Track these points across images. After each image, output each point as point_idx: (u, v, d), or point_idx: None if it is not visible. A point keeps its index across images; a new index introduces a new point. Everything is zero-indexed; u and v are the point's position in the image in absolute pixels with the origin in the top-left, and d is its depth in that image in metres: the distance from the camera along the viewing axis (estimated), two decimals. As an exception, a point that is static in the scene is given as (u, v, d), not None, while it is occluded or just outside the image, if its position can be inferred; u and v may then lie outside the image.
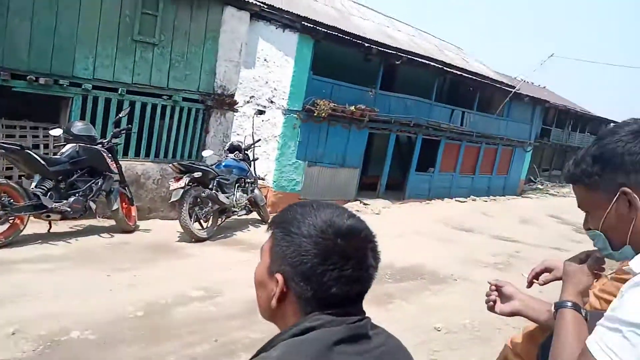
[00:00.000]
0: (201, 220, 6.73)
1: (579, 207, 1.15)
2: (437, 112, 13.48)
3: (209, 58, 7.79)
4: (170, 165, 6.66)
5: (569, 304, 1.13)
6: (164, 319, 3.94)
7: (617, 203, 1.03)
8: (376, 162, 12.99)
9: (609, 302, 1.28)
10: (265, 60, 9.59)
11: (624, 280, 1.00)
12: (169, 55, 7.32)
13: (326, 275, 0.85)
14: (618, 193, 1.03)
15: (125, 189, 6.44)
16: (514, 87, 16.00)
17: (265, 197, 8.85)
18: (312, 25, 9.48)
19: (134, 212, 6.55)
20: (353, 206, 10.81)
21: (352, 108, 10.54)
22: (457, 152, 14.88)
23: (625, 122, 1.09)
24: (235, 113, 8.50)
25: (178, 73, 7.48)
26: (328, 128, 10.45)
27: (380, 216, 10.43)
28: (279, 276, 0.88)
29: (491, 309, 1.55)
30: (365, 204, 11.14)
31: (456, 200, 14.33)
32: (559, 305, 1.14)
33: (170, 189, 6.43)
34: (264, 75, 9.66)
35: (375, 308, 4.64)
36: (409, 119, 12.31)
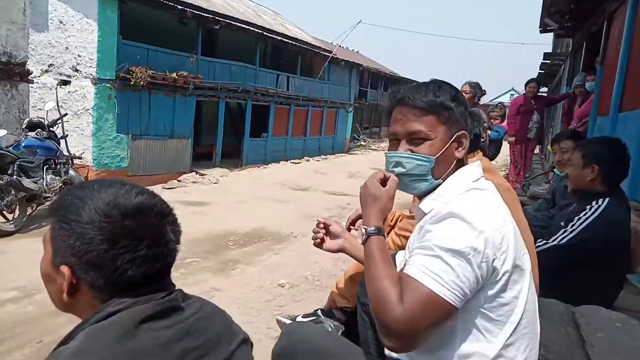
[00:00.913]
0: (4, 212, 5.72)
1: (410, 133, 1.18)
2: (263, 77, 13.59)
3: (-19, 18, 6.43)
4: (-52, 152, 5.42)
5: (374, 229, 1.15)
6: (-31, 330, 3.27)
7: (455, 141, 1.17)
8: (209, 131, 12.62)
9: (407, 238, 1.42)
10: (61, 22, 8.35)
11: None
12: None
13: (118, 260, 0.78)
14: (459, 133, 1.17)
15: None
16: (330, 52, 16.96)
17: (86, 177, 7.87)
18: (113, -17, 8.51)
19: None
20: (189, 177, 10.36)
21: (174, 75, 9.94)
22: (287, 116, 15.32)
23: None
24: (30, 84, 7.25)
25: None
26: (150, 97, 9.68)
27: (219, 185, 10.21)
28: (64, 268, 0.80)
29: (318, 245, 1.59)
30: (201, 175, 10.75)
31: (291, 162, 14.84)
32: (370, 233, 1.14)
33: (-47, 180, 5.26)
34: (62, 40, 8.42)
35: (221, 275, 4.58)
36: (236, 85, 12.15)
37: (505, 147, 6.83)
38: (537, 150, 8.13)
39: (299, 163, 15.00)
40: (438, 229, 1.03)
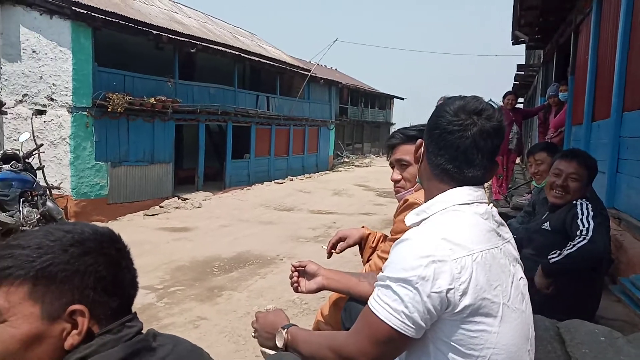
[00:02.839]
0: (-22, 248, 5.49)
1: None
2: (243, 98, 13.59)
3: (-48, 50, 6.31)
4: None
5: (281, 330, 1.28)
6: None
7: (415, 148, 1.24)
8: (190, 155, 12.51)
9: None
10: (33, 52, 8.24)
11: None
12: None
13: (125, 280, 0.83)
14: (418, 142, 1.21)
15: None
16: (309, 71, 17.10)
17: (65, 208, 7.70)
18: (85, 12, 8.44)
19: None
20: (172, 202, 10.22)
21: (152, 100, 9.87)
22: (269, 136, 15.30)
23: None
24: (5, 116, 7.11)
25: None
26: (128, 123, 9.58)
27: (202, 209, 10.09)
28: (76, 306, 0.76)
29: (297, 290, 1.61)
30: (184, 199, 10.62)
31: (275, 182, 14.78)
32: (285, 336, 1.26)
33: None
34: (36, 69, 8.31)
35: (207, 303, 4.50)
36: (215, 107, 12.12)
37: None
38: (517, 161, 8.24)
39: (282, 183, 14.95)
40: (392, 253, 1.03)
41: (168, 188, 10.77)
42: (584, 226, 1.98)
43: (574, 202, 2.10)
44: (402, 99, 33.52)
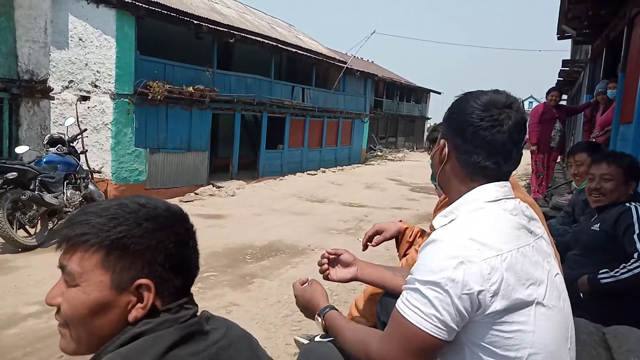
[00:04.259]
0: (27, 226, 5.82)
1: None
2: (279, 89, 13.66)
3: (4, 38, 6.60)
4: (-28, 168, 5.55)
5: (323, 309, 1.31)
6: (-7, 345, 3.32)
7: (439, 149, 1.20)
8: (225, 143, 12.70)
9: None
10: (80, 39, 8.52)
11: None
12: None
13: (192, 260, 0.85)
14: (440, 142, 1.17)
15: None
16: (345, 63, 17.01)
17: (105, 192, 7.97)
18: (129, 1, 8.66)
19: None
20: (206, 190, 10.42)
21: (191, 89, 10.05)
22: (303, 128, 15.35)
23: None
24: (52, 101, 7.40)
25: (-35, 56, 6.20)
26: (167, 111, 9.80)
27: (236, 197, 10.24)
28: (143, 280, 0.77)
29: (327, 277, 1.60)
30: (218, 187, 10.80)
31: (307, 174, 14.82)
32: (324, 315, 1.29)
33: (-23, 195, 5.38)
34: (82, 56, 8.59)
35: (239, 290, 4.56)
36: (251, 98, 12.24)
37: (525, 157, 6.70)
38: (558, 160, 7.96)
39: (315, 174, 14.99)
40: (421, 256, 1.02)
41: (203, 176, 10.98)
42: None
43: (628, 204, 2.02)
44: (439, 93, 32.89)
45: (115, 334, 0.77)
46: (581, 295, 1.94)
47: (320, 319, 1.28)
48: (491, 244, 0.98)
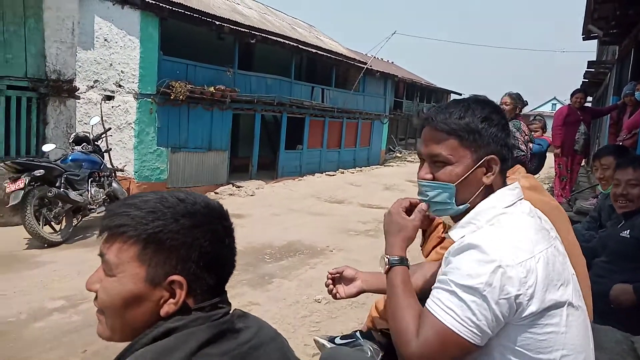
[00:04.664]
0: (52, 223, 5.99)
1: (431, 156, 1.14)
2: (298, 90, 13.70)
3: (34, 39, 6.76)
4: (2, 164, 5.72)
5: (398, 259, 1.14)
6: (20, 338, 3.42)
7: (482, 166, 1.09)
8: (245, 143, 12.79)
9: None
10: (105, 40, 8.69)
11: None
12: (-20, 35, 6.19)
13: (227, 258, 0.85)
14: (488, 157, 1.09)
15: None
16: (365, 63, 16.95)
17: (128, 190, 8.11)
18: (154, 2, 8.80)
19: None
20: (226, 190, 10.51)
21: (212, 89, 10.15)
22: (322, 128, 15.36)
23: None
24: (77, 100, 7.57)
25: (-4, 56, 6.38)
26: (189, 111, 9.93)
27: (255, 197, 10.31)
28: (176, 277, 0.78)
29: (335, 296, 1.57)
30: (238, 187, 10.89)
31: (326, 175, 14.83)
32: (392, 263, 1.13)
33: (6, 191, 5.54)
34: (107, 57, 8.77)
35: (258, 289, 4.59)
36: (271, 98, 12.30)
37: (548, 160, 6.58)
38: (583, 163, 7.79)
39: (333, 175, 14.98)
40: (456, 261, 1.00)
41: (223, 175, 11.08)
42: None
43: None
44: (460, 94, 32.53)
45: (148, 326, 0.78)
46: (611, 305, 1.89)
47: (385, 262, 1.15)
48: (524, 247, 0.98)
